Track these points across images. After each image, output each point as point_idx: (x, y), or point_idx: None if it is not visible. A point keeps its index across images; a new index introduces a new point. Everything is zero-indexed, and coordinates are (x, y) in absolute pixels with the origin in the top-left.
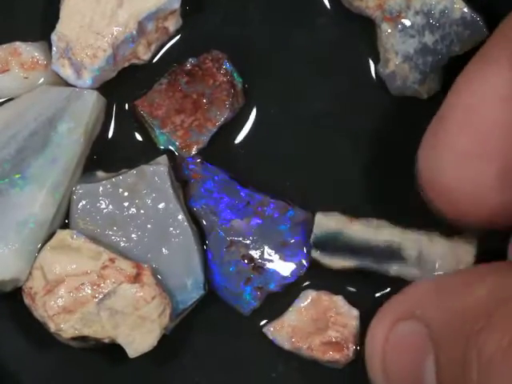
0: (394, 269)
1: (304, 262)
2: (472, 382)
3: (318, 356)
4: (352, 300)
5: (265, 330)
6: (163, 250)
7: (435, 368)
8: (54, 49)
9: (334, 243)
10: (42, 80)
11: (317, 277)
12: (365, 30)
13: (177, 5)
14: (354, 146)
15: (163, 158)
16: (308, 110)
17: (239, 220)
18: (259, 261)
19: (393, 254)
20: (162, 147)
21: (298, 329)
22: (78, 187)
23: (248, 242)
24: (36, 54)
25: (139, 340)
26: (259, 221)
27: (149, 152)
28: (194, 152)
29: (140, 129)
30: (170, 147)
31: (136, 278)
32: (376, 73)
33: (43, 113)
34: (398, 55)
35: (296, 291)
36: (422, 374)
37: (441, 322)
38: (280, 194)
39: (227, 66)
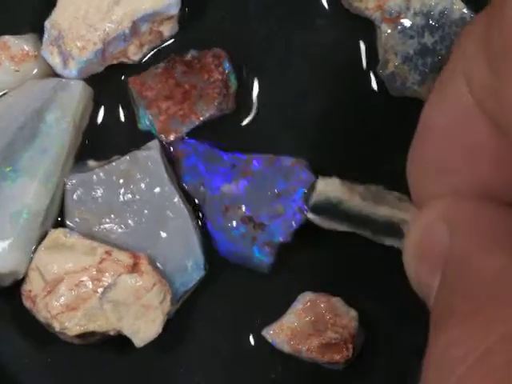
0: (389, 241)
1: (303, 206)
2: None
3: (317, 358)
4: (350, 301)
5: (264, 332)
6: (161, 233)
7: (436, 290)
8: (45, 35)
9: (332, 211)
10: (35, 71)
11: (315, 278)
12: (364, 30)
13: (174, 11)
14: (354, 146)
15: (154, 143)
16: (307, 111)
17: (229, 184)
18: (259, 218)
19: (392, 228)
20: (141, 128)
21: (297, 331)
22: (71, 177)
23: (243, 203)
24: (25, 47)
25: (144, 329)
26: (249, 180)
27: (138, 140)
28: (171, 139)
29: (128, 118)
30: (149, 129)
31: (134, 268)
32: (375, 74)
33: (31, 105)
34: (398, 56)
35: (295, 293)
36: (433, 284)
37: (456, 258)
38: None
39: (226, 65)
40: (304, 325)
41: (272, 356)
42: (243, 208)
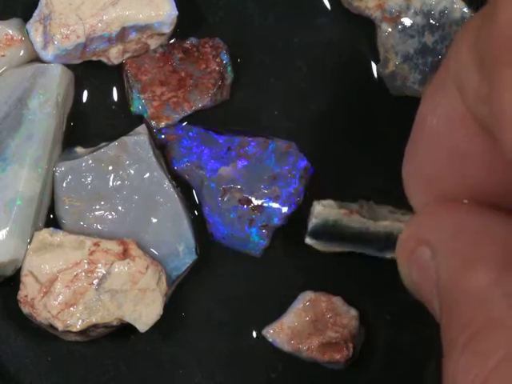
0: (391, 254)
1: (299, 188)
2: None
3: (317, 357)
4: (351, 300)
5: (264, 332)
6: (152, 219)
7: (439, 311)
8: (37, 10)
9: (331, 232)
10: (21, 56)
11: (315, 278)
12: (364, 30)
13: (167, 30)
14: (354, 145)
15: (142, 128)
16: (307, 110)
17: (226, 167)
18: (256, 200)
19: (393, 240)
20: (133, 110)
21: (298, 330)
22: (60, 165)
23: (240, 185)
24: (9, 31)
25: (145, 313)
26: (245, 162)
27: (124, 125)
28: (161, 126)
29: (114, 103)
30: (141, 113)
31: (125, 254)
32: (375, 73)
33: (12, 94)
34: (398, 55)
35: (296, 292)
36: (433, 302)
37: (445, 280)
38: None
39: (224, 57)
40: (304, 324)
41: (273, 355)
42: (241, 190)
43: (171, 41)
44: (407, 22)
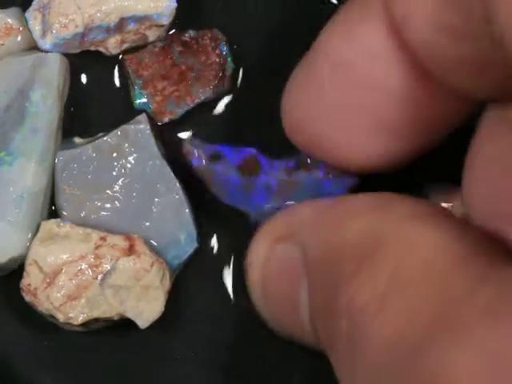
0: None
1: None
2: (341, 331)
3: None
4: None
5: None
6: (153, 207)
7: (308, 299)
8: None
9: None
10: (20, 45)
11: None
12: None
13: (165, 21)
14: None
15: (143, 117)
16: None
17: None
18: None
19: None
20: (136, 106)
21: None
22: (60, 154)
23: None
24: (9, 20)
25: (147, 309)
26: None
27: (123, 115)
28: (165, 121)
29: (110, 94)
30: (144, 108)
31: (130, 250)
32: None
33: (12, 85)
34: None
35: None
36: (297, 301)
37: (315, 252)
38: None
39: (223, 48)
40: None
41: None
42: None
43: (170, 32)
44: None
